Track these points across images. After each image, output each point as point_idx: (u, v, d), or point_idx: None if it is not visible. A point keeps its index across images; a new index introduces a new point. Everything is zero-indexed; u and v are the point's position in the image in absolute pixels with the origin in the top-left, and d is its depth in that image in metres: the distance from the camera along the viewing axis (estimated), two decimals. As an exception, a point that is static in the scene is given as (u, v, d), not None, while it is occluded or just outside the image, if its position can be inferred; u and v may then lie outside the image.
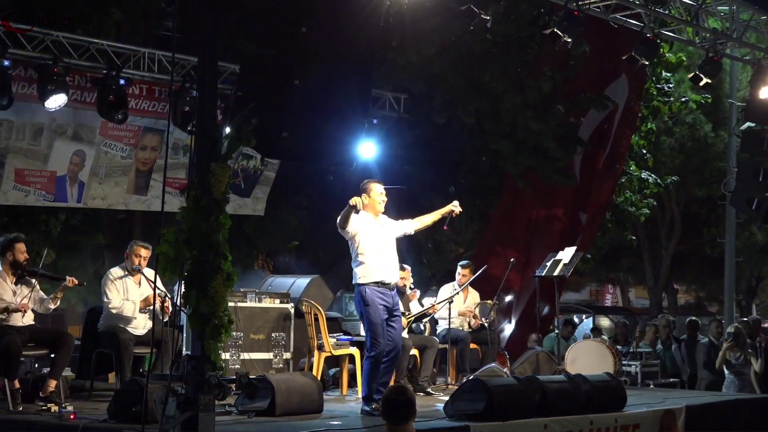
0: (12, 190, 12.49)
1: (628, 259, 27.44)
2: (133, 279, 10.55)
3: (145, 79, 12.64)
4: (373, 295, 9.53)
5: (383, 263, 9.65)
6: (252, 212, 15.28)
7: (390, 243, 9.83)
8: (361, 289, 9.58)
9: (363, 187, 9.77)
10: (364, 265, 9.58)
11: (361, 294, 9.57)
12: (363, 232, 9.62)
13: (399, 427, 6.55)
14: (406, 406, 6.56)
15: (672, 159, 22.15)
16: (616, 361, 12.90)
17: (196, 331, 7.57)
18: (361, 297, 9.57)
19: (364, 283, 9.57)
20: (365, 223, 9.66)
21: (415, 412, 6.63)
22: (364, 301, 9.55)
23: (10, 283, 9.86)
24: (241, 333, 11.16)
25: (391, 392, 6.72)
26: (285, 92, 9.23)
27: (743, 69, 19.95)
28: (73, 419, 8.66)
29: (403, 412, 6.55)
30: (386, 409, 6.62)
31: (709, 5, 13.55)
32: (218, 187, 7.56)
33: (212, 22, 7.90)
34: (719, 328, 15.68)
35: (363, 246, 9.60)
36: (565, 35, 12.53)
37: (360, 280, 9.59)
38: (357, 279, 9.61)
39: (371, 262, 9.58)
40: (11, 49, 11.31)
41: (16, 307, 9.71)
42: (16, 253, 9.91)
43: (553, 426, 9.36)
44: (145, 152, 13.52)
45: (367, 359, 9.64)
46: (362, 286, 9.57)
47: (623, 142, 16.69)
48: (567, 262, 13.11)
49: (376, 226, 9.75)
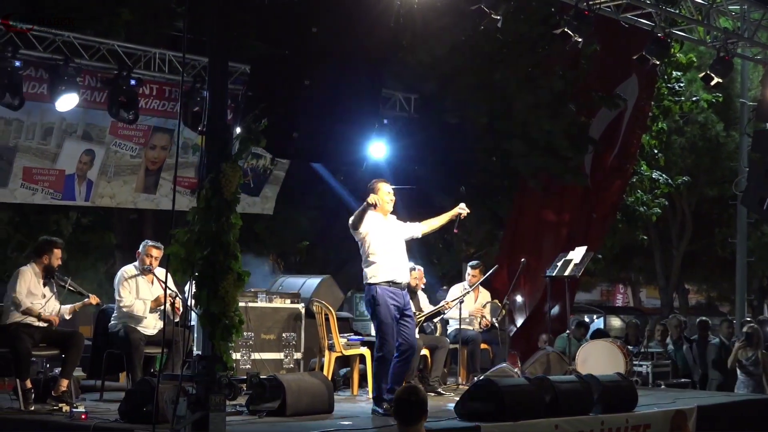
0: (19, 188, 12.54)
1: (639, 259, 27.38)
2: (145, 278, 10.57)
3: (156, 79, 12.67)
4: (384, 295, 9.51)
5: (393, 263, 9.64)
6: (261, 211, 15.29)
7: (399, 243, 9.81)
8: (371, 288, 9.56)
9: (371, 187, 9.74)
10: (375, 265, 9.56)
11: (372, 293, 9.55)
12: (373, 232, 9.60)
13: (410, 427, 6.53)
14: (417, 407, 6.54)
15: (683, 159, 22.10)
16: (627, 362, 12.87)
17: (206, 331, 7.58)
18: (372, 296, 9.55)
19: (374, 282, 9.55)
20: (375, 222, 9.64)
21: (426, 412, 6.61)
22: (374, 301, 9.53)
23: (41, 285, 9.88)
24: (251, 333, 11.16)
25: (403, 392, 6.70)
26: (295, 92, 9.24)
27: (754, 68, 19.89)
28: (85, 419, 8.68)
29: (415, 412, 6.54)
30: (398, 410, 6.61)
31: (720, 5, 13.51)
32: (229, 187, 7.57)
33: (223, 23, 7.91)
34: (730, 329, 15.64)
35: (373, 246, 9.58)
36: (576, 35, 12.51)
37: (370, 280, 9.57)
38: (367, 279, 9.60)
39: (381, 262, 9.57)
40: (22, 49, 11.34)
41: (48, 318, 9.76)
42: (53, 257, 9.93)
43: (564, 426, 9.35)
44: (155, 151, 13.55)
45: (376, 359, 9.63)
46: (373, 286, 9.56)
47: (634, 141, 16.65)
48: (578, 262, 13.08)
49: (385, 225, 9.74)
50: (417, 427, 6.53)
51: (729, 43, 13.82)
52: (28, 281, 9.77)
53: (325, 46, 9.26)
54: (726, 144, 22.44)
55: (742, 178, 17.76)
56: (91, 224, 16.65)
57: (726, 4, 13.62)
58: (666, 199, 19.74)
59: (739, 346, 14.07)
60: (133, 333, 10.27)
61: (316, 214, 17.35)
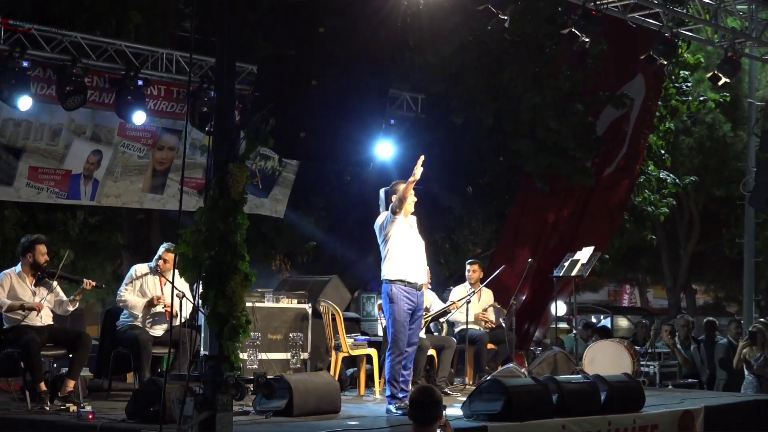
0: (24, 187, 12.55)
1: (647, 259, 27.30)
2: (157, 279, 10.60)
3: (163, 79, 12.67)
4: (399, 293, 9.57)
5: (412, 262, 9.69)
6: (271, 213, 15.26)
7: (419, 244, 9.88)
8: (387, 286, 9.63)
9: (393, 189, 9.82)
10: (393, 263, 9.63)
11: (387, 291, 9.62)
12: (394, 231, 9.67)
13: (425, 428, 6.50)
14: (433, 408, 6.50)
15: (691, 159, 22.02)
16: (634, 362, 12.86)
17: (214, 331, 7.58)
18: (387, 293, 9.62)
19: (391, 279, 9.61)
20: (397, 221, 9.70)
21: (442, 413, 6.57)
22: (389, 298, 9.59)
23: (29, 284, 9.91)
24: (258, 333, 11.18)
25: (418, 393, 6.66)
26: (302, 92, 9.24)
27: (762, 68, 19.86)
28: (92, 419, 8.69)
29: (431, 413, 6.49)
30: (413, 411, 6.56)
31: (727, 4, 13.50)
32: (236, 187, 7.58)
33: (230, 23, 7.91)
34: (738, 329, 15.61)
35: (393, 244, 9.64)
36: (583, 35, 12.50)
37: (387, 277, 9.63)
38: (384, 276, 9.66)
39: (400, 260, 9.63)
40: (30, 50, 11.36)
41: (31, 305, 9.75)
42: (37, 254, 9.95)
43: (571, 426, 9.34)
44: (162, 152, 13.56)
45: (388, 357, 9.66)
46: (389, 283, 9.61)
47: (641, 141, 16.62)
48: (585, 262, 13.08)
49: (406, 226, 9.80)
50: (432, 428, 6.49)
51: (736, 43, 13.81)
52: (8, 285, 9.81)
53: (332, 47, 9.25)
54: (734, 144, 22.36)
55: (750, 178, 17.72)
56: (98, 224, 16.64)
57: (734, 3, 13.60)
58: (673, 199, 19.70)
59: (743, 345, 14.05)
60: (140, 333, 10.29)
61: (322, 214, 17.35)
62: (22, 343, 9.54)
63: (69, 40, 11.70)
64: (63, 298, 10.16)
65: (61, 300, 10.14)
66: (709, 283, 32.04)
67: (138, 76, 12.14)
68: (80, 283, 10.18)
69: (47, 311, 9.96)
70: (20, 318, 9.70)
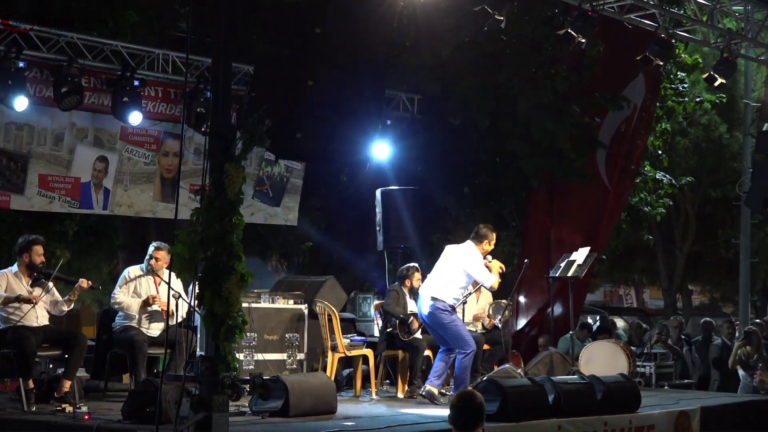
0: (36, 196, 12.41)
1: (643, 260, 27.33)
2: (152, 279, 10.60)
3: (159, 80, 12.65)
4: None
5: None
6: (285, 222, 15.04)
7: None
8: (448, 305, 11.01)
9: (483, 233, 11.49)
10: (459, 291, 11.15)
11: (447, 308, 11.01)
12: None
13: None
14: (476, 413, 6.33)
15: (687, 159, 22.06)
16: (630, 362, 12.86)
17: (210, 331, 7.58)
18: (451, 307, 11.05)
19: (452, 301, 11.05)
20: None
21: (483, 418, 6.39)
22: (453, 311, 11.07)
23: (25, 284, 9.91)
24: (254, 334, 11.17)
25: (459, 399, 6.41)
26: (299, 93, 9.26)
27: (758, 69, 19.87)
28: (88, 419, 8.69)
29: (472, 418, 6.32)
30: (454, 416, 6.36)
31: (723, 5, 13.50)
32: (232, 187, 7.58)
33: (226, 24, 7.92)
34: (731, 329, 15.63)
35: (467, 279, 11.14)
36: (580, 36, 12.50)
37: (449, 301, 11.02)
38: (447, 297, 10.99)
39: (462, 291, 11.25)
40: (26, 50, 11.36)
41: (27, 298, 9.74)
42: (33, 255, 9.95)
43: (567, 427, 9.35)
44: (168, 158, 13.42)
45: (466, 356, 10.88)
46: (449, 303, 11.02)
47: (638, 143, 16.58)
48: (581, 263, 13.06)
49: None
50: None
51: (732, 44, 13.80)
52: (4, 284, 9.81)
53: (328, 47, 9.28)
54: (729, 145, 22.40)
55: (746, 179, 17.74)
56: (95, 225, 16.63)
57: (730, 4, 13.60)
58: (670, 199, 19.71)
59: (738, 345, 14.06)
60: (136, 334, 10.28)
61: (319, 215, 17.34)
62: (18, 344, 9.53)
63: (65, 40, 11.69)
64: (58, 299, 10.16)
65: (56, 300, 10.14)
66: (705, 283, 32.07)
67: (134, 76, 12.12)
68: (75, 283, 10.17)
69: (43, 312, 9.96)
70: (16, 315, 9.67)
